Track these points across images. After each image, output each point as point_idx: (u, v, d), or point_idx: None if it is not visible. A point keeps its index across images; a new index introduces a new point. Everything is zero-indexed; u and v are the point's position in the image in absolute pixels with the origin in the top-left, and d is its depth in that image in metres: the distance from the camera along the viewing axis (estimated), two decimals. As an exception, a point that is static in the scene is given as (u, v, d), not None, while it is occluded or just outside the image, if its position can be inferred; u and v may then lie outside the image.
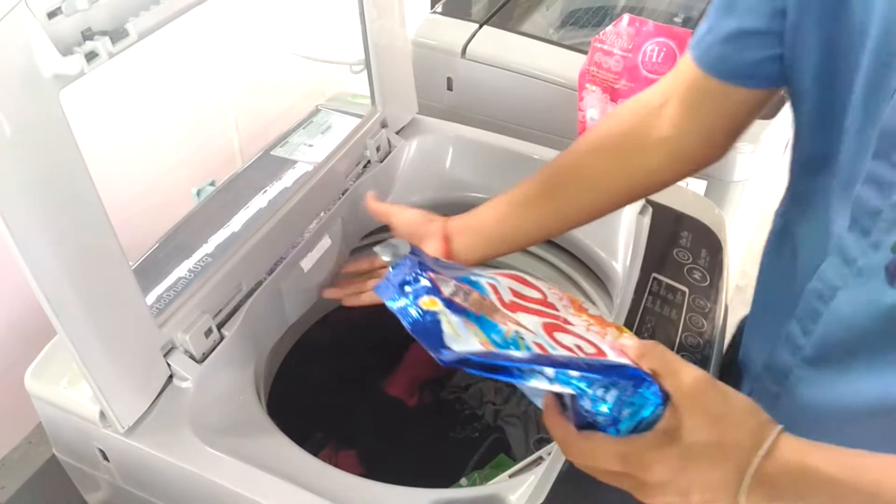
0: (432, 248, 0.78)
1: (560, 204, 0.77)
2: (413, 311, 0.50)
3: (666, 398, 0.48)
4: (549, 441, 0.85)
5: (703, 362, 0.84)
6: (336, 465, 0.73)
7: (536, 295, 0.57)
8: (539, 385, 0.48)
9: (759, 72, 0.62)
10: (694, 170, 0.73)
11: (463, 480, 0.98)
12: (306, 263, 0.88)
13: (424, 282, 0.51)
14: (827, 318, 0.58)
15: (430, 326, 0.49)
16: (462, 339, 0.49)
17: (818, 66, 0.56)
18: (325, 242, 0.90)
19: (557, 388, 0.47)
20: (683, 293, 0.90)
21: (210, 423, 0.73)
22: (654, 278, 0.90)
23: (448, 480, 0.97)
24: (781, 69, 0.60)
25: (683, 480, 0.47)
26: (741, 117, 0.67)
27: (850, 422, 0.59)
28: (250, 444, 0.72)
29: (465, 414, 1.17)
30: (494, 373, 0.48)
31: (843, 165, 0.55)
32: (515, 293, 0.56)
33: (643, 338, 0.58)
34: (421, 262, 0.54)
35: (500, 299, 0.54)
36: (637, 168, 0.73)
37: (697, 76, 0.65)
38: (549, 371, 0.47)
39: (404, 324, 0.50)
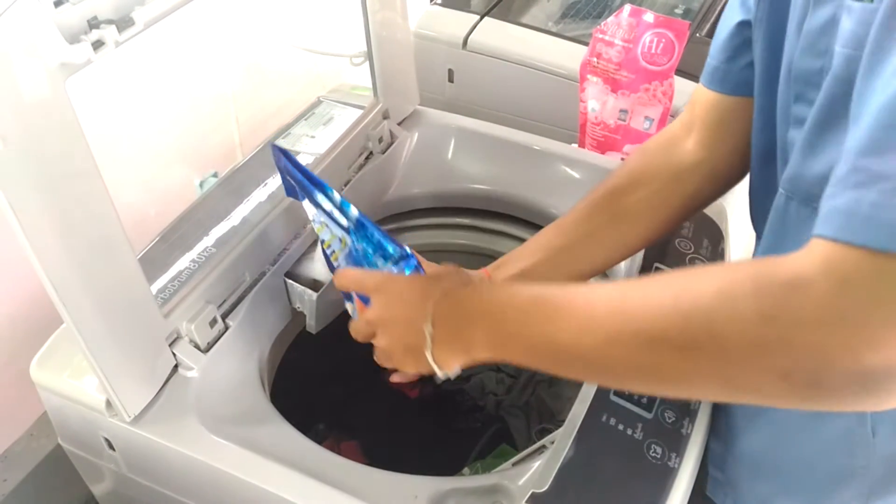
0: None
1: (604, 244, 0.77)
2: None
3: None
4: (551, 431, 0.86)
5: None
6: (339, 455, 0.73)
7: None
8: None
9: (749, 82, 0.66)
10: (728, 187, 0.77)
11: (465, 470, 0.99)
12: None
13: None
14: None
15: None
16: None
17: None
18: None
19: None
20: (685, 283, 0.90)
21: (215, 412, 0.74)
22: (656, 268, 0.90)
23: (450, 471, 0.97)
24: None
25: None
26: None
27: None
28: (255, 433, 0.73)
29: (466, 405, 1.17)
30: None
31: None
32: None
33: None
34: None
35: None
36: (676, 196, 0.75)
37: (713, 99, 0.71)
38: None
39: None
